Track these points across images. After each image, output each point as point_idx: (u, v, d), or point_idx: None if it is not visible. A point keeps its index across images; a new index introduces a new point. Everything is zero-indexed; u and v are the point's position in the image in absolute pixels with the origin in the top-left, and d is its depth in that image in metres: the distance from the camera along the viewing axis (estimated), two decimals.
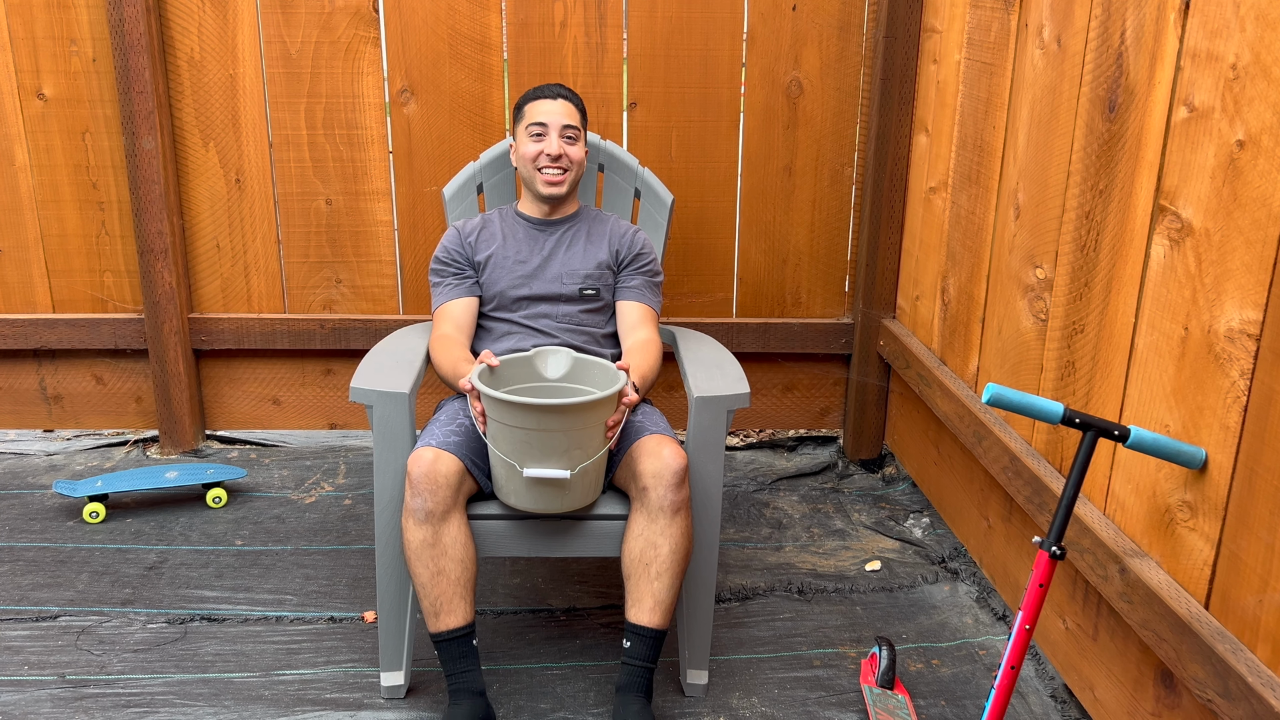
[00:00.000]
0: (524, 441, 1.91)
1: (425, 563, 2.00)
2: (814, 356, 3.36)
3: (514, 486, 1.98)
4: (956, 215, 2.67)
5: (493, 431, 1.95)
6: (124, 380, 3.33)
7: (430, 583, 2.01)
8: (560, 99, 2.35)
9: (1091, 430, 1.65)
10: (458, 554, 2.01)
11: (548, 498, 1.98)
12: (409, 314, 3.27)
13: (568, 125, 2.32)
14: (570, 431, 1.91)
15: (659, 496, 2.01)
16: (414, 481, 2.00)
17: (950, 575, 2.68)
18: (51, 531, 2.81)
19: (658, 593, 2.03)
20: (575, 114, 2.36)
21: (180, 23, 3.00)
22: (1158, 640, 1.72)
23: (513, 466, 1.94)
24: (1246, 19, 1.55)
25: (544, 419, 1.88)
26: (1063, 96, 2.11)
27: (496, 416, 1.92)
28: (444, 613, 2.01)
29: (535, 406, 1.87)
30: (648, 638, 2.03)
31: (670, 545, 2.02)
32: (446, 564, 2.00)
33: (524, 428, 1.89)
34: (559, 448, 1.91)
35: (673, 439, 2.11)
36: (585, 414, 1.91)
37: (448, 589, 2.01)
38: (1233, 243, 1.59)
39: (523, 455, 1.93)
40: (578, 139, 2.36)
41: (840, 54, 3.07)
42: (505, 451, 1.94)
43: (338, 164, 3.13)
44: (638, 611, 2.04)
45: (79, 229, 3.17)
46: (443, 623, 2.02)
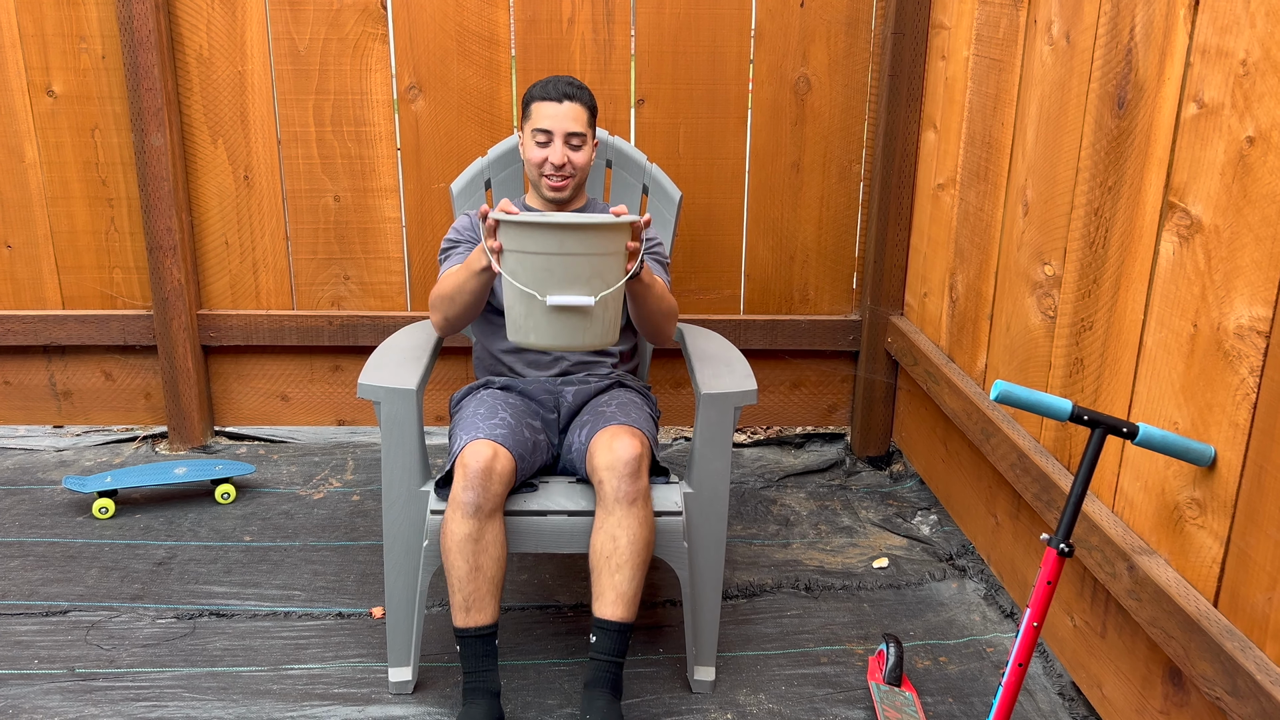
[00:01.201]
0: (545, 269, 1.88)
1: (466, 557, 2.00)
2: (821, 353, 3.35)
3: (534, 322, 1.93)
4: (965, 212, 2.67)
5: (511, 265, 1.91)
6: (133, 376, 3.34)
7: (467, 578, 2.01)
8: (567, 101, 2.28)
9: (1100, 427, 1.65)
10: (496, 552, 2.02)
11: (570, 331, 1.93)
12: (417, 310, 3.27)
13: (572, 133, 2.28)
14: (591, 256, 1.88)
15: (613, 489, 2.01)
16: (469, 475, 1.99)
17: (958, 572, 2.68)
18: (61, 527, 2.82)
19: (619, 585, 2.02)
20: (583, 116, 2.30)
21: (189, 20, 3.01)
22: (1166, 638, 1.72)
23: (533, 298, 1.90)
24: (1257, 14, 1.55)
25: (566, 241, 1.86)
26: (1071, 93, 2.10)
27: (516, 246, 1.89)
28: (474, 609, 2.02)
29: (558, 225, 1.86)
30: (613, 631, 2.02)
31: (628, 536, 2.01)
32: (485, 561, 2.01)
33: (545, 253, 1.87)
34: (581, 275, 1.89)
35: (632, 428, 2.10)
36: (605, 236, 1.89)
37: (483, 586, 2.01)
38: (1242, 239, 1.58)
39: (544, 284, 1.89)
40: (583, 145, 2.31)
41: (848, 50, 3.07)
42: (526, 282, 1.90)
43: (346, 161, 3.13)
44: (601, 605, 2.03)
45: (88, 225, 3.18)
46: (471, 619, 2.02)
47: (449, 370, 3.35)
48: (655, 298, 2.18)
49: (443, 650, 2.33)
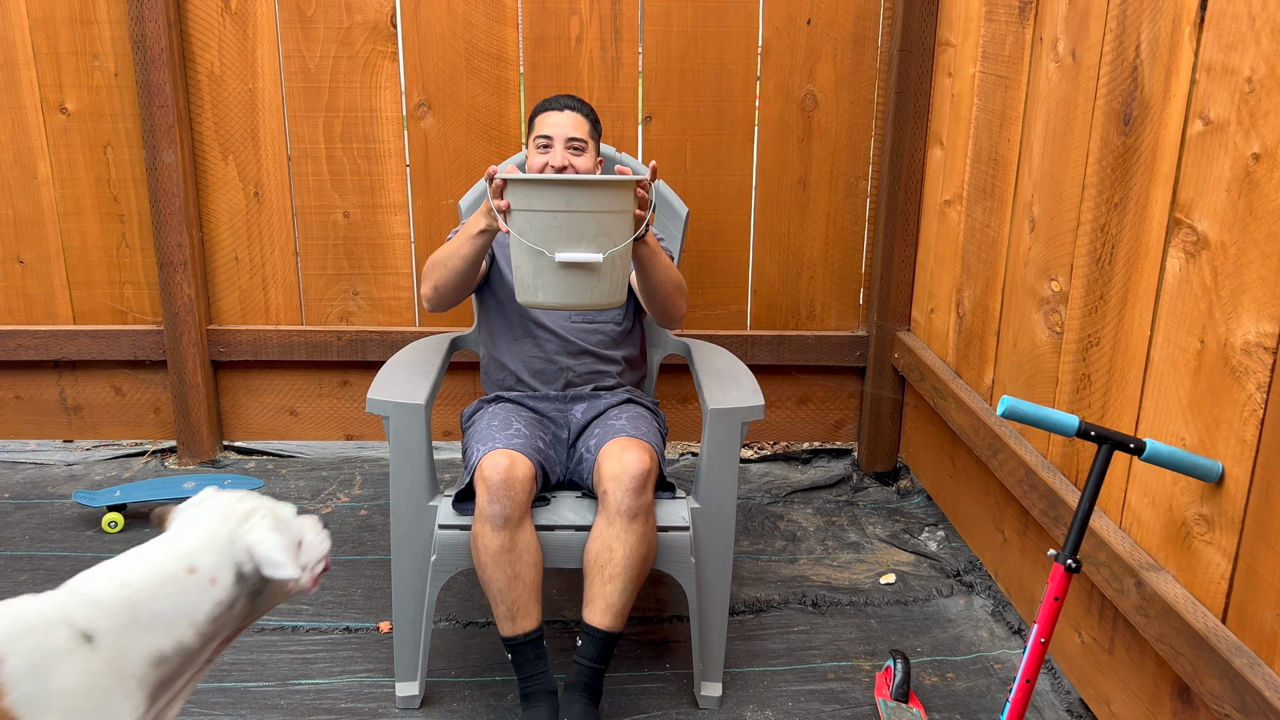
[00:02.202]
0: (553, 226, 1.90)
1: (503, 568, 2.01)
2: (828, 369, 3.36)
3: (543, 281, 1.94)
4: (971, 228, 2.68)
5: (519, 224, 1.92)
6: (143, 391, 3.36)
7: (508, 587, 2.02)
8: (568, 110, 2.33)
9: (1107, 443, 1.65)
10: (531, 558, 2.03)
11: (578, 289, 1.94)
12: (425, 326, 3.28)
13: (572, 138, 2.31)
14: (598, 214, 1.90)
15: (617, 500, 2.02)
16: (491, 487, 2.00)
17: (965, 588, 2.67)
18: (71, 541, 2.83)
19: (609, 595, 2.03)
20: (583, 125, 2.34)
21: (201, 38, 3.04)
22: (1174, 654, 1.71)
23: (541, 256, 1.91)
24: (1262, 32, 1.56)
25: (573, 198, 1.88)
26: (1077, 110, 2.11)
27: (523, 204, 1.91)
28: (520, 616, 2.03)
29: (565, 182, 1.88)
30: (598, 639, 2.04)
31: (625, 550, 2.02)
32: (522, 568, 2.02)
33: (553, 210, 1.89)
34: (588, 232, 1.90)
35: (643, 442, 2.11)
36: (611, 194, 1.90)
37: (524, 593, 2.02)
38: (1249, 256, 1.59)
39: (551, 242, 1.91)
40: (584, 150, 2.33)
41: (855, 68, 3.08)
42: (534, 240, 1.91)
43: (355, 177, 3.16)
44: (590, 612, 2.04)
45: (100, 241, 3.20)
46: (519, 626, 2.04)
47: (457, 385, 3.36)
48: (662, 266, 2.18)
49: (449, 665, 2.33)
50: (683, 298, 2.28)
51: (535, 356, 2.36)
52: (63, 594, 1.30)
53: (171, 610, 1.33)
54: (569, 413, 2.34)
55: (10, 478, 3.22)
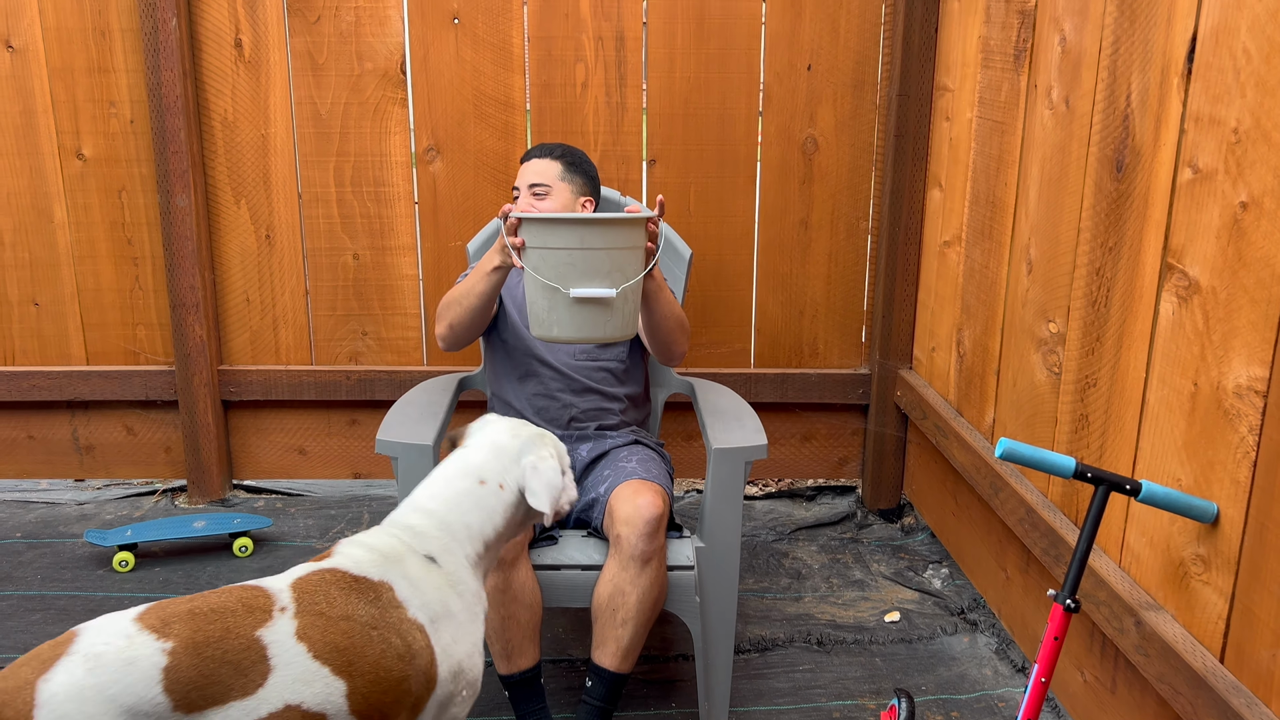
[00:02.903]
0: (567, 263, 1.95)
1: (497, 608, 2.04)
2: (832, 406, 3.39)
3: (558, 316, 1.99)
4: (970, 269, 2.72)
5: (533, 261, 1.98)
6: (154, 431, 3.40)
7: (502, 628, 2.05)
8: (534, 159, 2.41)
9: (1104, 484, 1.68)
10: (527, 599, 2.06)
11: (592, 323, 1.99)
12: (433, 365, 3.33)
13: (534, 184, 2.36)
14: (611, 250, 1.95)
15: (631, 545, 2.05)
16: None
17: (969, 626, 2.69)
18: (82, 580, 2.86)
19: (621, 639, 2.06)
20: (550, 169, 2.38)
21: (215, 85, 3.11)
22: (1174, 694, 1.73)
23: (556, 292, 1.97)
24: (1246, 85, 1.60)
25: (587, 235, 1.94)
26: (1072, 156, 2.16)
27: (538, 242, 1.97)
28: (515, 656, 2.06)
29: (579, 220, 1.94)
30: (607, 680, 2.07)
31: (638, 594, 2.05)
32: (517, 609, 2.05)
33: (568, 248, 1.94)
34: (602, 268, 1.96)
35: (655, 486, 2.14)
36: (623, 231, 1.96)
37: (518, 633, 2.05)
38: (1238, 301, 1.62)
39: (566, 278, 1.96)
40: (548, 193, 2.37)
41: (854, 111, 3.14)
42: (549, 276, 1.97)
43: (365, 220, 3.21)
44: (600, 654, 2.08)
45: (114, 283, 3.26)
46: (514, 664, 2.07)
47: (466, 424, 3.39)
48: (666, 301, 2.24)
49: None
50: (684, 335, 2.32)
51: (539, 394, 2.40)
52: (390, 531, 1.65)
53: (477, 520, 1.69)
54: (574, 452, 2.37)
55: (23, 517, 3.26)
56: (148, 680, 1.34)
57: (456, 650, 1.60)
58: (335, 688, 1.45)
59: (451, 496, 1.70)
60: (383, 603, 1.53)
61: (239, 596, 1.48)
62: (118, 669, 1.33)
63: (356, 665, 1.48)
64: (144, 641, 1.36)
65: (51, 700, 1.29)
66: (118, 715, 1.31)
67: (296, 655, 1.44)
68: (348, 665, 1.47)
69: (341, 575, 1.54)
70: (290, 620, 1.46)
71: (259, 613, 1.46)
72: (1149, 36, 1.87)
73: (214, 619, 1.42)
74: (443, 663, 1.58)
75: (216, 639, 1.40)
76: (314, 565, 1.58)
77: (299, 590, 1.50)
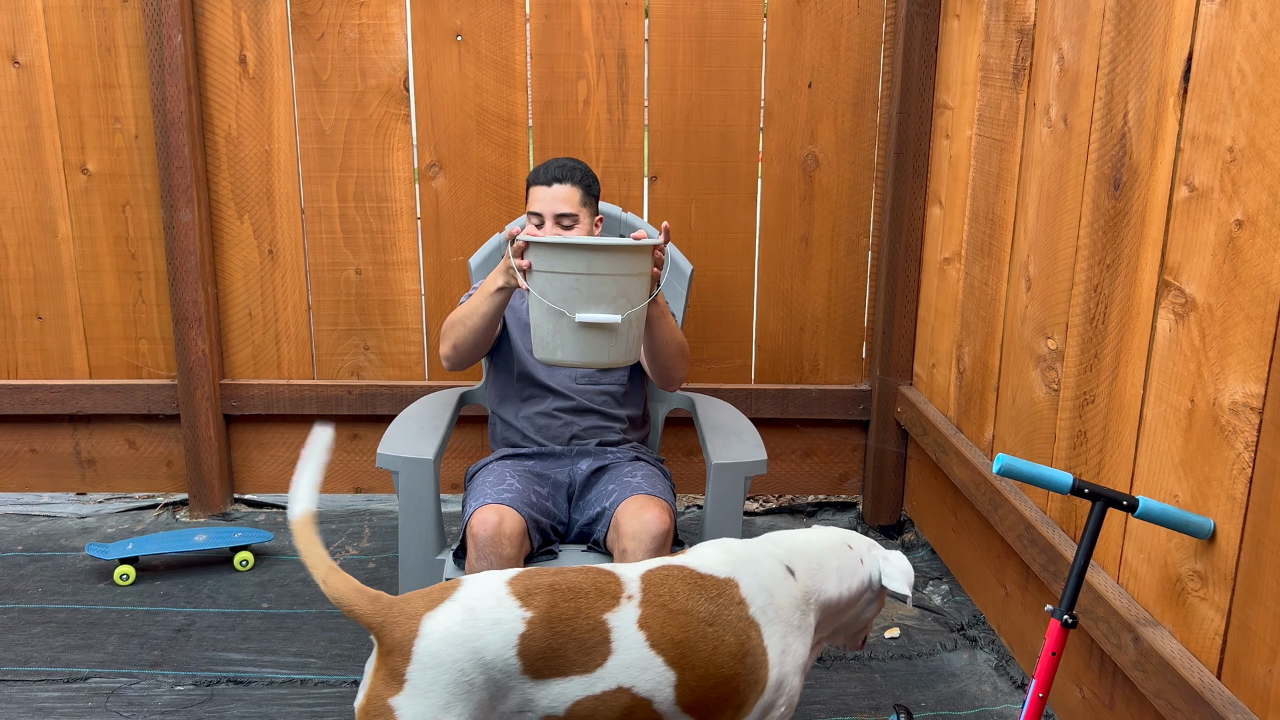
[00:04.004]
0: (574, 288, 1.97)
1: None
2: (832, 422, 3.40)
3: (562, 340, 2.00)
4: (970, 286, 2.73)
5: (539, 284, 1.99)
6: (155, 444, 3.41)
7: None
8: (555, 184, 2.33)
9: (1101, 500, 1.69)
10: None
11: (596, 348, 2.00)
12: (435, 380, 3.34)
13: (562, 214, 2.32)
14: (617, 277, 1.97)
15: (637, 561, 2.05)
16: (479, 543, 2.03)
17: (969, 643, 2.69)
18: (83, 593, 2.87)
19: None
20: (574, 196, 2.34)
21: (219, 101, 3.13)
22: (1172, 710, 1.74)
23: (561, 316, 1.98)
24: (1241, 104, 1.62)
25: (594, 261, 1.95)
26: (1070, 173, 2.18)
27: (545, 266, 1.98)
28: None
29: (586, 246, 1.95)
30: None
31: None
32: None
33: (574, 273, 1.96)
34: (608, 294, 1.97)
35: (661, 501, 2.15)
36: (629, 258, 1.98)
37: None
38: (1234, 318, 1.63)
39: (572, 303, 1.98)
40: (575, 224, 2.34)
41: (855, 129, 3.16)
42: (554, 301, 1.98)
43: (368, 235, 3.23)
44: None
45: (117, 298, 3.27)
46: None
47: (466, 439, 3.40)
48: (668, 326, 2.25)
49: None
50: (684, 361, 2.33)
51: (541, 414, 2.40)
52: (760, 540, 1.74)
53: (841, 570, 1.74)
54: (574, 467, 2.38)
55: (24, 530, 3.26)
56: (505, 643, 1.48)
57: (787, 661, 1.63)
58: (666, 678, 1.54)
59: (824, 545, 1.77)
60: (723, 600, 1.60)
61: (594, 579, 1.58)
62: (485, 626, 1.48)
63: (689, 659, 1.55)
64: (509, 606, 1.50)
65: (430, 635, 1.46)
66: (476, 665, 1.46)
67: (635, 642, 1.53)
68: (680, 658, 1.55)
69: (689, 572, 1.63)
70: (635, 608, 1.56)
71: (608, 597, 1.56)
72: (1145, 56, 1.89)
73: (569, 597, 1.54)
74: (773, 668, 1.60)
75: (569, 616, 1.52)
76: (667, 560, 1.68)
77: (647, 581, 1.60)
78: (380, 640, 1.48)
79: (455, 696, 1.44)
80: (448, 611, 1.48)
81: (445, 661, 1.45)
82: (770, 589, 1.64)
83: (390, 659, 1.46)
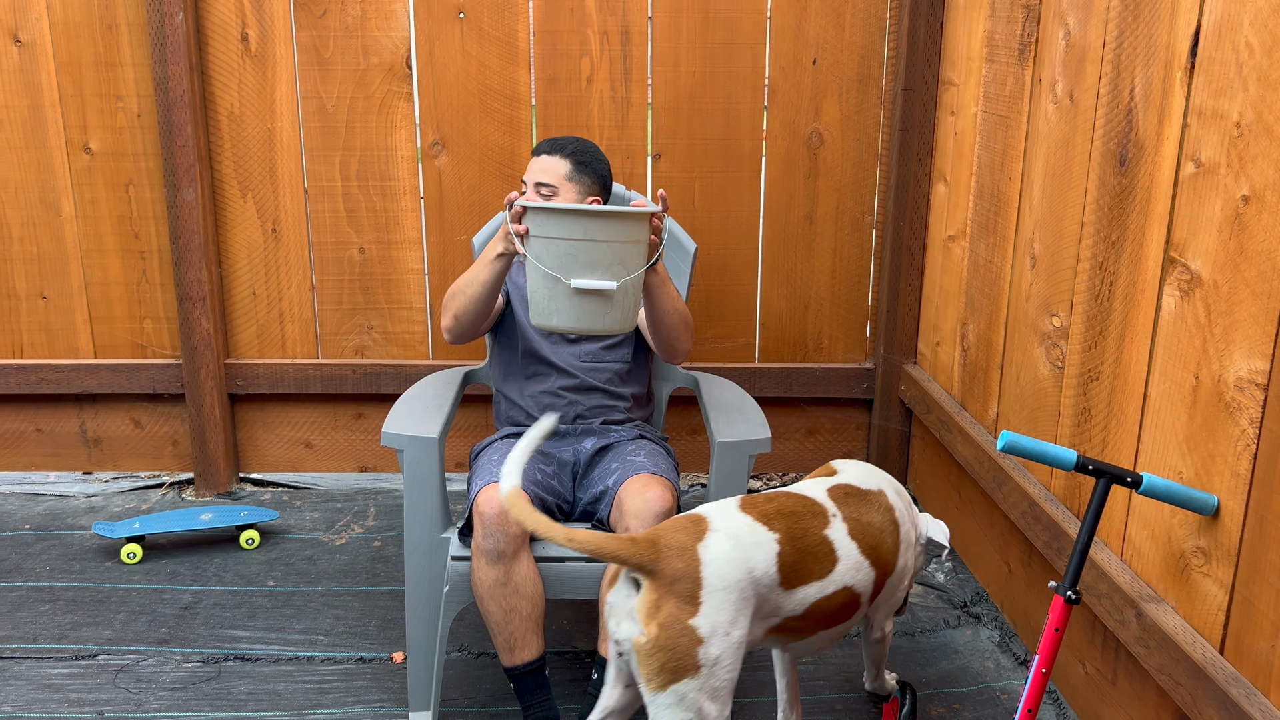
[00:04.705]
0: (570, 254, 1.98)
1: (498, 601, 2.05)
2: (836, 401, 3.40)
3: (558, 305, 2.01)
4: (975, 263, 2.73)
5: (536, 250, 2.00)
6: (161, 424, 3.42)
7: (504, 620, 2.06)
8: (544, 155, 2.35)
9: (1104, 477, 1.69)
10: (528, 591, 2.07)
11: (591, 315, 2.01)
12: (439, 359, 3.34)
13: (541, 183, 2.33)
14: (613, 243, 1.98)
15: None
16: (486, 521, 2.04)
17: (972, 620, 2.70)
18: (90, 572, 2.88)
19: None
20: (559, 169, 2.34)
21: (221, 79, 3.12)
22: (1174, 685, 1.74)
23: (557, 282, 1.99)
24: (1249, 79, 1.61)
25: (590, 227, 1.96)
26: (1075, 150, 2.17)
27: (542, 231, 1.99)
28: (518, 648, 2.07)
29: (583, 212, 1.96)
30: None
31: None
32: (518, 601, 2.06)
33: (570, 238, 1.97)
34: (604, 260, 1.98)
35: (664, 479, 2.15)
36: (627, 224, 1.98)
37: (520, 625, 2.07)
38: (1240, 295, 1.63)
39: (568, 268, 1.98)
40: (552, 195, 2.34)
41: (860, 106, 3.15)
42: (551, 266, 1.99)
43: (371, 214, 3.23)
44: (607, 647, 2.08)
45: (121, 277, 3.28)
46: (517, 657, 2.08)
47: (470, 418, 3.41)
48: (670, 296, 2.24)
49: (462, 695, 2.37)
50: (688, 332, 2.33)
51: (544, 392, 2.41)
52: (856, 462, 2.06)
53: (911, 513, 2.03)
54: (578, 446, 2.38)
55: (31, 509, 3.28)
56: (769, 559, 1.74)
57: (908, 554, 2.00)
58: (870, 576, 1.88)
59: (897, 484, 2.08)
60: (882, 509, 1.94)
61: (801, 503, 1.86)
62: (751, 549, 1.73)
63: (880, 558, 1.90)
64: (762, 531, 1.76)
65: (712, 562, 1.67)
66: (750, 582, 1.70)
67: (851, 550, 1.85)
68: (876, 558, 1.89)
69: (854, 489, 1.94)
70: (841, 523, 1.86)
71: (819, 517, 1.85)
72: (1152, 31, 1.88)
73: (795, 519, 1.82)
74: (903, 558, 1.98)
75: (800, 534, 1.80)
76: (826, 480, 1.96)
77: (836, 501, 1.90)
78: (657, 574, 1.65)
79: (739, 611, 1.68)
80: (718, 541, 1.70)
81: (730, 582, 1.67)
82: (899, 494, 2.01)
83: (677, 587, 1.64)
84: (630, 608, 1.66)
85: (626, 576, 1.69)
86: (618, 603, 1.69)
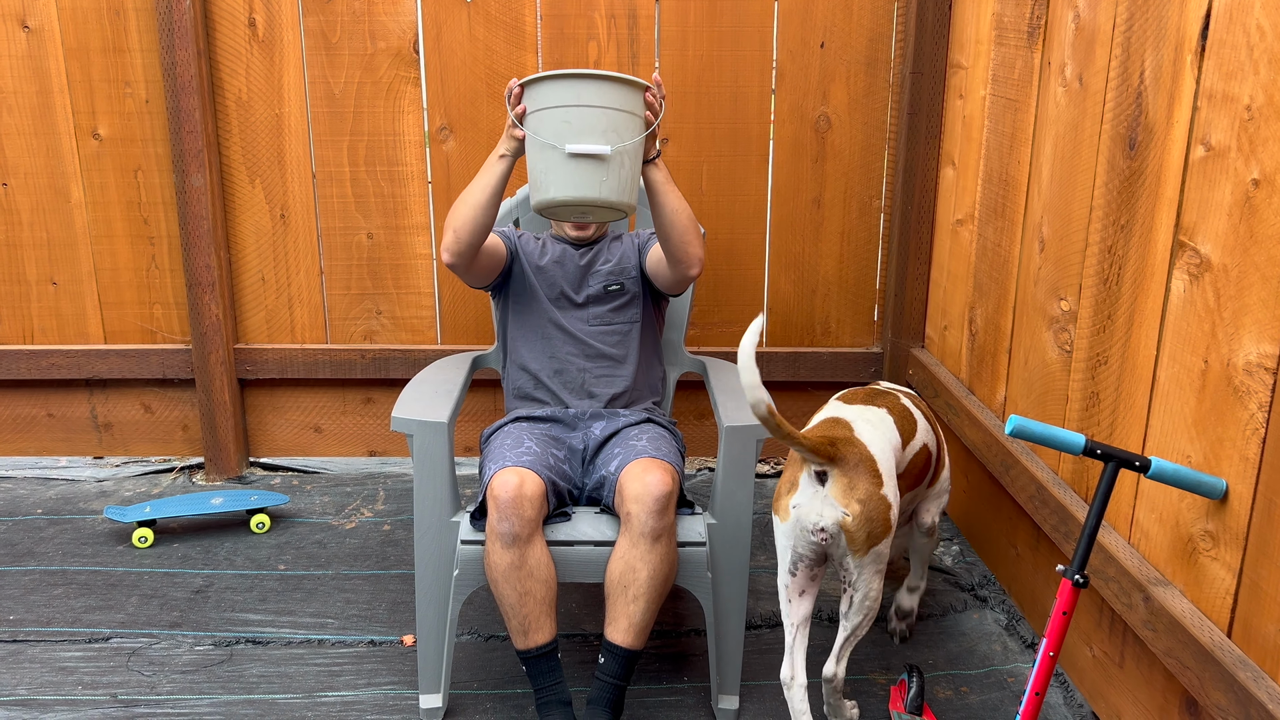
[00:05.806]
0: (564, 120, 2.01)
1: (512, 584, 2.07)
2: (844, 385, 3.40)
3: (554, 177, 2.04)
4: (983, 247, 2.72)
5: (533, 125, 2.05)
6: (171, 409, 3.44)
7: (518, 603, 2.07)
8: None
9: (1113, 461, 1.69)
10: (542, 574, 2.08)
11: (587, 182, 2.03)
12: (448, 344, 3.35)
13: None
14: (606, 110, 2.01)
15: (640, 522, 2.07)
16: (501, 505, 2.06)
17: (979, 603, 2.71)
18: (102, 556, 2.90)
19: (633, 615, 2.08)
20: None
21: (229, 65, 3.12)
22: (1181, 668, 1.75)
23: (553, 151, 2.02)
24: (1260, 62, 1.60)
25: (582, 92, 1.99)
26: (1084, 133, 2.16)
27: (537, 104, 2.03)
28: (532, 630, 2.09)
29: (574, 75, 2.00)
30: (621, 656, 2.10)
31: (649, 571, 2.07)
32: (532, 585, 2.07)
33: (563, 105, 2.00)
34: (597, 126, 2.01)
35: (665, 463, 2.16)
36: (619, 91, 2.02)
37: (534, 609, 2.08)
38: (1249, 279, 1.63)
39: (563, 136, 2.02)
40: None
41: (868, 89, 3.14)
42: (548, 135, 2.03)
43: (379, 199, 3.23)
44: (613, 630, 2.10)
45: (130, 263, 3.29)
46: (531, 640, 2.09)
47: (478, 403, 3.42)
48: (675, 195, 2.24)
49: (472, 677, 2.38)
50: (697, 236, 2.31)
51: (553, 357, 2.42)
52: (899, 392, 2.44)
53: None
54: (587, 430, 2.39)
55: (43, 494, 3.30)
56: (892, 428, 2.16)
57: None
58: (932, 439, 2.36)
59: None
60: (921, 407, 2.41)
61: (873, 389, 2.36)
62: (889, 432, 2.12)
63: (932, 425, 2.39)
64: (874, 410, 2.18)
65: (872, 442, 2.02)
66: (892, 449, 2.08)
67: (919, 416, 2.32)
68: (931, 425, 2.38)
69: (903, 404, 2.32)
70: (904, 398, 2.36)
71: (892, 395, 2.33)
72: (1163, 13, 1.87)
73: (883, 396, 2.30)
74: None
75: (893, 405, 2.26)
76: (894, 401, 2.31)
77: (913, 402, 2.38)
78: (843, 462, 1.94)
79: (895, 475, 2.04)
80: (863, 428, 2.05)
81: (888, 455, 2.03)
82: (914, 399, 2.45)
83: (862, 468, 1.95)
84: (825, 495, 1.93)
85: (809, 476, 1.95)
86: (804, 501, 1.95)
